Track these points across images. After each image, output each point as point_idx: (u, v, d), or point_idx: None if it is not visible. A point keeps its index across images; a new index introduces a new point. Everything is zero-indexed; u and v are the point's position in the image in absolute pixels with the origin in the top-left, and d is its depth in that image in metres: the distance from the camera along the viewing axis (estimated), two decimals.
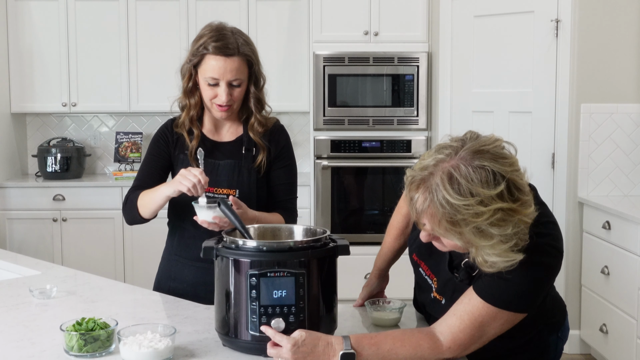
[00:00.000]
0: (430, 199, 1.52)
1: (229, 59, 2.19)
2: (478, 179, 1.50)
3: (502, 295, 1.61)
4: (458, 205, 1.49)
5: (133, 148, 5.40)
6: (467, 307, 1.64)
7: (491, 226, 1.50)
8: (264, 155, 2.31)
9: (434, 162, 1.55)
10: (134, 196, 2.28)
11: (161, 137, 2.36)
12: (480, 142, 1.56)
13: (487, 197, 1.49)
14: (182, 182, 2.07)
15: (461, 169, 1.51)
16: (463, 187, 1.49)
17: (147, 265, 4.10)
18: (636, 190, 4.21)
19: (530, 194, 1.57)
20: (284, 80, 5.18)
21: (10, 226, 5.04)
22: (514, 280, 1.59)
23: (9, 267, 2.61)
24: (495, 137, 1.60)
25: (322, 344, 1.62)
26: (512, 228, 1.51)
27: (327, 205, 4.99)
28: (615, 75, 4.16)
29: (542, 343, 1.85)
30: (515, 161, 1.57)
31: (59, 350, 1.75)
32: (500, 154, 1.55)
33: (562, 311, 1.92)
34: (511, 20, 4.36)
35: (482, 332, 1.64)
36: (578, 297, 4.20)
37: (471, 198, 1.48)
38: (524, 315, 1.65)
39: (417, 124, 4.97)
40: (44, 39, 5.22)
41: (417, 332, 1.68)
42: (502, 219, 1.50)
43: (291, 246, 1.70)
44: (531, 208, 1.55)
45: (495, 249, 1.53)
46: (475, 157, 1.52)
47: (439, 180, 1.51)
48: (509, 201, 1.50)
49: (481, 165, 1.51)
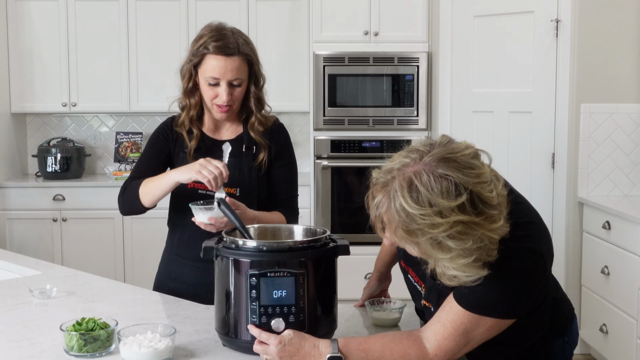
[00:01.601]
0: (388, 205, 1.47)
1: (229, 59, 2.19)
2: (439, 188, 1.42)
3: (481, 302, 1.56)
4: (414, 214, 1.42)
5: (133, 148, 5.40)
6: (450, 315, 1.59)
7: (449, 239, 1.43)
8: (265, 153, 2.31)
9: (399, 165, 1.48)
10: (135, 184, 2.24)
11: (161, 133, 2.35)
12: (448, 149, 1.48)
13: (446, 209, 1.41)
14: (201, 171, 2.01)
15: (422, 177, 1.44)
16: (422, 195, 1.42)
17: (147, 265, 4.10)
18: (636, 190, 4.21)
19: (502, 207, 1.48)
20: (284, 80, 5.18)
21: (10, 226, 5.04)
22: (491, 286, 1.53)
23: (9, 267, 2.61)
24: (467, 145, 1.51)
25: (309, 345, 1.61)
26: (474, 242, 1.44)
27: (327, 205, 4.99)
28: (615, 75, 4.16)
29: (546, 348, 1.78)
30: (483, 172, 1.47)
31: (59, 350, 1.74)
32: (468, 164, 1.46)
33: (568, 314, 1.84)
34: (511, 20, 4.36)
35: (467, 339, 1.60)
36: (578, 297, 4.20)
37: (429, 208, 1.41)
38: (512, 320, 1.60)
39: (417, 124, 4.98)
40: (44, 39, 5.22)
41: (406, 339, 1.64)
42: (463, 232, 1.42)
43: (291, 246, 1.70)
44: (498, 223, 1.46)
45: (454, 263, 1.46)
46: (439, 165, 1.45)
47: (398, 187, 1.45)
48: (471, 214, 1.42)
49: (444, 175, 1.43)
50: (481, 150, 1.53)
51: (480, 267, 1.48)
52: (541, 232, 1.65)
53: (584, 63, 4.14)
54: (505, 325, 1.61)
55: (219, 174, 2.01)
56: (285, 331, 1.64)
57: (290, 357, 1.61)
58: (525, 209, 1.66)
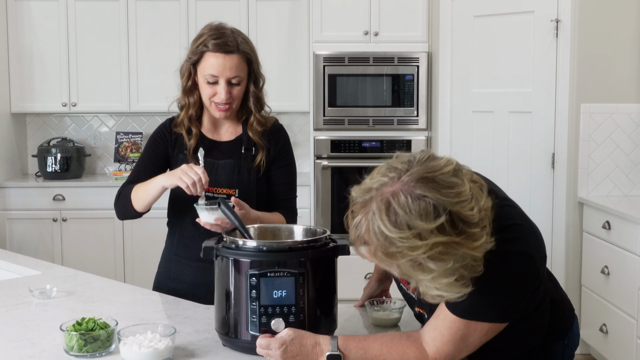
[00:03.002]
0: (367, 227, 1.44)
1: (228, 56, 2.19)
2: (417, 210, 1.39)
3: (473, 308, 1.55)
4: (393, 237, 1.40)
5: (133, 148, 5.40)
6: (445, 323, 1.59)
7: (430, 260, 1.41)
8: (263, 154, 2.31)
9: (377, 185, 1.46)
10: (128, 189, 2.26)
11: (159, 136, 2.35)
12: (427, 168, 1.45)
13: (425, 231, 1.39)
14: (182, 177, 2.05)
15: (400, 199, 1.41)
16: (400, 218, 1.40)
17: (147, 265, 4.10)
18: (636, 190, 4.21)
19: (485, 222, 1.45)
20: (284, 80, 5.18)
21: (10, 226, 5.04)
22: (481, 292, 1.51)
23: (9, 267, 2.61)
24: (446, 161, 1.47)
25: (310, 343, 1.63)
26: (455, 262, 1.42)
27: (327, 205, 4.99)
28: (615, 75, 4.16)
29: (546, 351, 1.78)
30: (462, 191, 1.43)
31: (59, 350, 1.74)
32: (447, 183, 1.43)
33: (568, 316, 1.83)
34: (511, 20, 4.36)
35: (465, 344, 1.60)
36: (578, 297, 4.20)
37: (407, 231, 1.39)
38: (506, 324, 1.60)
39: (417, 124, 4.98)
40: (44, 39, 5.22)
41: (405, 339, 1.64)
42: (444, 252, 1.40)
43: (291, 246, 1.70)
44: (480, 240, 1.43)
45: (436, 283, 1.45)
46: (417, 185, 1.42)
47: (376, 209, 1.43)
48: (452, 234, 1.40)
49: (422, 195, 1.40)
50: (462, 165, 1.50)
51: (463, 285, 1.47)
52: (528, 234, 1.62)
53: (584, 63, 4.14)
54: (499, 329, 1.61)
55: (198, 180, 2.04)
56: (284, 330, 1.64)
57: (293, 358, 1.61)
58: (512, 212, 1.64)
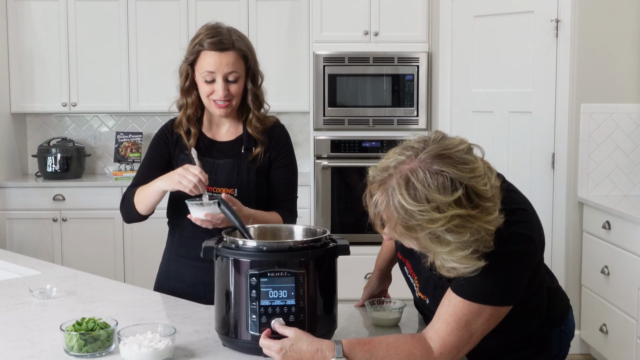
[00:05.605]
0: (387, 202, 1.51)
1: (223, 53, 2.20)
2: (435, 184, 1.47)
3: (480, 290, 1.60)
4: (413, 210, 1.47)
5: (133, 148, 5.40)
6: (449, 309, 1.62)
7: (448, 232, 1.48)
8: (261, 149, 2.30)
9: (395, 163, 1.53)
10: (131, 193, 2.29)
11: (161, 137, 2.36)
12: (442, 146, 1.53)
13: (443, 204, 1.46)
14: (181, 181, 2.06)
15: (419, 174, 1.48)
16: (419, 192, 1.47)
17: (147, 265, 4.11)
18: (636, 190, 4.21)
19: (496, 198, 1.53)
20: (283, 80, 5.18)
21: (10, 226, 5.04)
22: (488, 273, 1.56)
23: (9, 267, 2.61)
24: (460, 140, 1.56)
25: (311, 349, 1.61)
26: (471, 235, 1.49)
27: (327, 205, 4.99)
28: (615, 75, 4.16)
29: (544, 337, 1.83)
30: (477, 167, 1.52)
31: (59, 350, 1.75)
32: (462, 159, 1.51)
33: (564, 303, 1.90)
34: (511, 20, 4.36)
35: (469, 332, 1.62)
36: (578, 297, 4.20)
37: (426, 204, 1.46)
38: (509, 308, 1.64)
39: (417, 124, 4.98)
40: (44, 39, 5.22)
41: (410, 339, 1.66)
42: (460, 226, 1.48)
43: (291, 246, 1.70)
44: (493, 215, 1.51)
45: (453, 255, 1.51)
46: (435, 162, 1.50)
47: (396, 184, 1.49)
48: (468, 208, 1.47)
49: (439, 171, 1.48)
50: (474, 144, 1.58)
51: (477, 259, 1.53)
52: (532, 219, 1.70)
53: (584, 63, 4.14)
54: (503, 314, 1.65)
55: (198, 181, 2.05)
56: (288, 331, 1.63)
57: None
58: (517, 197, 1.72)
